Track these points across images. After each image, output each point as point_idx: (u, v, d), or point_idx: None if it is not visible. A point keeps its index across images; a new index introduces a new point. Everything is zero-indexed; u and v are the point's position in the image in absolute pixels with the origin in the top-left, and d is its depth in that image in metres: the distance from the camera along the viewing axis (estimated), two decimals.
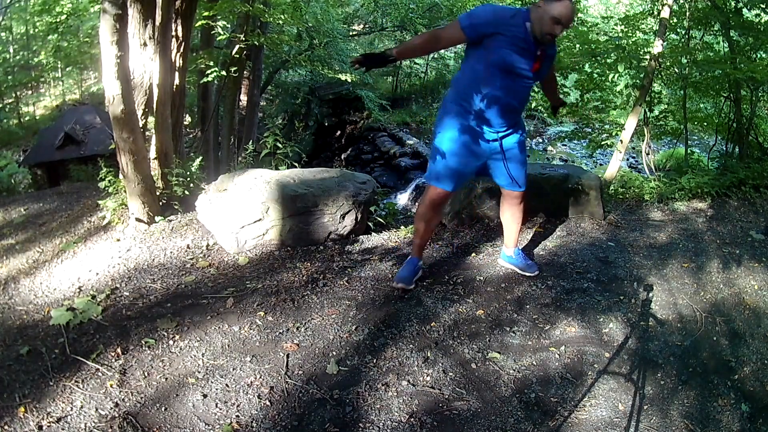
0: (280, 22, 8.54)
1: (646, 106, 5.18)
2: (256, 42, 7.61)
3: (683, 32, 5.51)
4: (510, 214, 2.99)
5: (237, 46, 7.79)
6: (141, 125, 3.64)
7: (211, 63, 7.25)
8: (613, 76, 5.30)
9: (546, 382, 2.24)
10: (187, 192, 3.83)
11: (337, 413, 2.01)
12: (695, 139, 9.86)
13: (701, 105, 6.49)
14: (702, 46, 5.48)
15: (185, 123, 7.82)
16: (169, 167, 3.81)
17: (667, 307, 2.82)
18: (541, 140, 16.78)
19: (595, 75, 5.55)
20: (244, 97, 11.23)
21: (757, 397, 2.24)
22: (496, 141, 2.64)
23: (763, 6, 5.19)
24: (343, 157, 13.68)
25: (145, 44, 3.67)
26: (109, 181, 3.77)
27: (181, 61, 4.30)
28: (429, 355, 2.35)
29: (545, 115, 14.71)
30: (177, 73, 4.24)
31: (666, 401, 2.18)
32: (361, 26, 16.08)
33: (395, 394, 2.12)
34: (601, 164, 10.52)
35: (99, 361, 2.25)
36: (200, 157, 4.46)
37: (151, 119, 3.83)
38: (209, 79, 7.41)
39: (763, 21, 5.19)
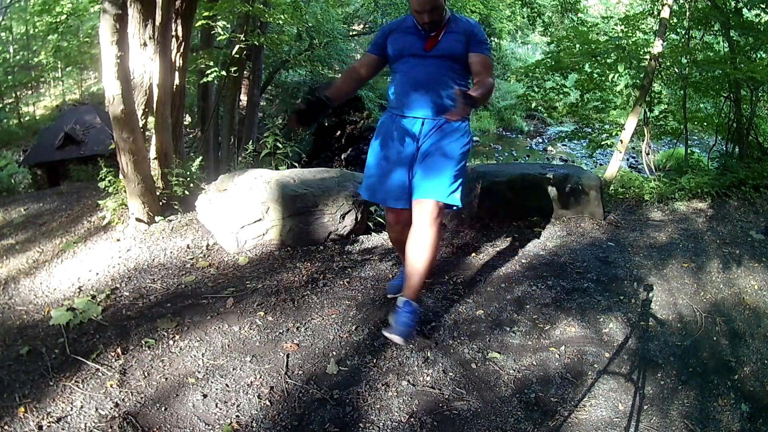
0: (280, 22, 8.55)
1: (646, 106, 5.18)
2: (256, 42, 7.62)
3: (683, 32, 5.51)
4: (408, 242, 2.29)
5: (237, 46, 7.79)
6: (141, 125, 3.64)
7: (211, 63, 7.25)
8: (613, 76, 5.30)
9: (546, 382, 2.24)
10: (187, 192, 3.83)
11: (337, 413, 2.01)
12: (695, 139, 9.85)
13: (701, 105, 6.49)
14: (702, 46, 5.48)
15: (185, 123, 7.82)
16: (169, 167, 3.81)
17: (667, 307, 2.82)
18: (541, 140, 16.79)
19: (595, 75, 5.55)
20: (244, 97, 11.23)
21: (757, 397, 2.25)
22: (416, 135, 2.34)
23: (763, 6, 5.20)
24: (343, 157, 13.68)
25: (145, 44, 3.67)
26: (109, 181, 3.77)
27: (181, 61, 4.30)
28: (429, 355, 2.35)
29: (545, 115, 14.73)
30: (177, 73, 4.24)
31: (666, 401, 2.18)
32: (361, 26, 16.09)
33: (395, 394, 2.12)
34: (601, 164, 10.51)
35: (99, 361, 2.25)
36: (200, 157, 4.46)
37: (151, 119, 3.83)
38: (209, 79, 7.41)
39: (763, 21, 5.19)
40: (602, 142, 5.69)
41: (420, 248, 2.21)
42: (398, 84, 2.42)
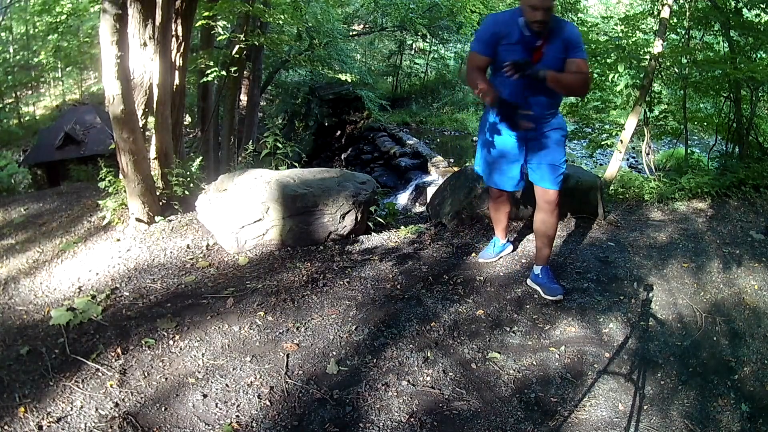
0: (280, 22, 8.54)
1: (646, 106, 5.18)
2: (256, 42, 7.61)
3: (683, 32, 5.50)
4: (544, 223, 2.87)
5: (237, 46, 7.79)
6: (141, 125, 3.64)
7: (211, 63, 7.25)
8: (613, 76, 5.29)
9: (546, 382, 2.24)
10: (187, 192, 3.83)
11: (337, 413, 2.01)
12: (695, 139, 9.85)
13: (701, 105, 6.48)
14: (702, 46, 5.47)
15: (185, 123, 7.83)
16: (169, 167, 3.81)
17: (667, 307, 2.82)
18: None
19: (595, 75, 5.54)
20: (244, 97, 11.23)
21: (757, 397, 2.24)
22: (522, 139, 2.70)
23: (763, 6, 5.19)
24: (343, 157, 13.66)
25: (145, 44, 3.67)
26: (109, 181, 3.77)
27: (181, 61, 4.30)
28: (429, 355, 2.35)
29: None
30: (177, 73, 4.24)
31: (666, 401, 2.18)
32: (361, 26, 16.09)
33: (395, 394, 2.12)
34: (601, 164, 10.50)
35: (99, 361, 2.25)
36: (200, 157, 4.46)
37: (151, 119, 3.83)
38: (209, 79, 7.40)
39: (763, 21, 5.18)
40: (602, 142, 5.68)
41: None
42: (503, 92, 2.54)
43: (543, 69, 2.43)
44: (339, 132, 14.66)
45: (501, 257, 3.25)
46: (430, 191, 5.00)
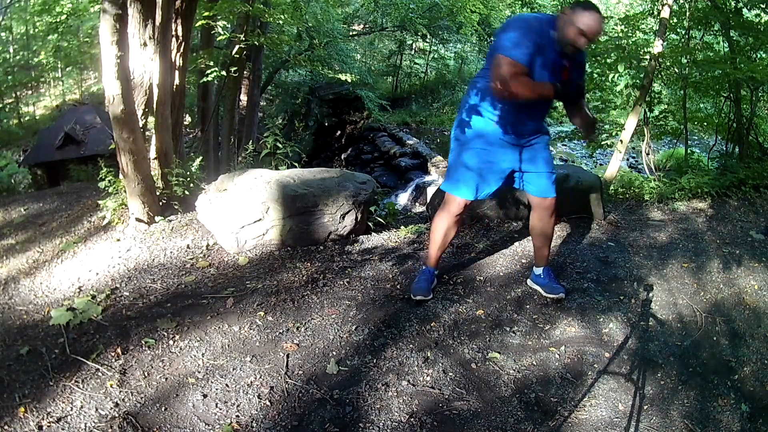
0: (280, 22, 8.55)
1: (646, 106, 5.18)
2: (256, 42, 7.61)
3: (683, 32, 5.50)
4: (541, 227, 2.81)
5: (237, 46, 7.78)
6: (141, 125, 3.64)
7: (211, 63, 7.25)
8: (613, 76, 5.29)
9: (546, 382, 2.24)
10: (187, 192, 3.83)
11: (337, 413, 2.01)
12: (695, 139, 9.85)
13: (701, 105, 6.48)
14: (702, 46, 5.47)
15: (185, 123, 7.82)
16: (169, 167, 3.81)
17: (667, 307, 2.82)
18: None
19: (595, 75, 5.54)
20: (244, 97, 11.22)
21: (757, 397, 2.24)
22: (517, 147, 2.59)
23: (763, 6, 5.19)
24: (343, 157, 13.66)
25: (145, 44, 3.67)
26: (109, 181, 3.77)
27: (181, 61, 4.30)
28: (429, 355, 2.35)
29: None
30: (177, 73, 4.24)
31: (666, 401, 2.18)
32: (361, 26, 16.09)
33: (395, 394, 2.12)
34: (601, 164, 10.50)
35: (99, 361, 2.25)
36: (200, 157, 4.46)
37: (151, 119, 3.83)
38: (209, 79, 7.40)
39: (763, 21, 5.18)
40: (602, 142, 5.68)
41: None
42: (504, 108, 2.46)
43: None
44: (339, 132, 14.65)
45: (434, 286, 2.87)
46: (430, 191, 5.00)
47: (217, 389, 2.10)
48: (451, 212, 2.66)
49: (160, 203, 3.67)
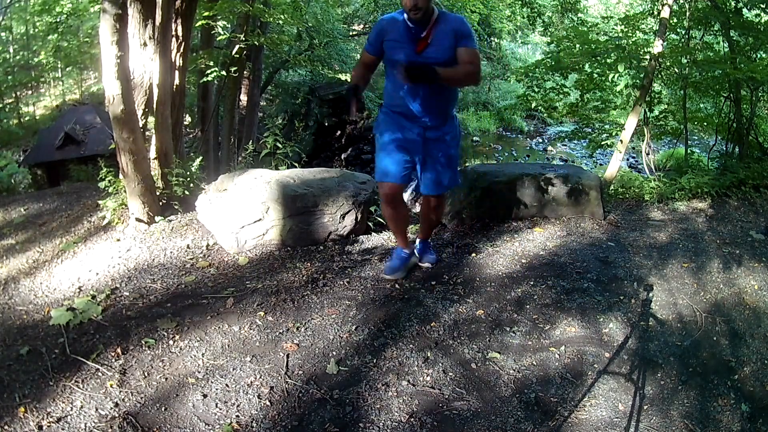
0: (280, 22, 8.55)
1: (646, 106, 5.18)
2: (256, 42, 7.61)
3: (683, 32, 5.51)
4: (424, 215, 3.06)
5: (237, 46, 7.79)
6: (141, 125, 3.64)
7: (211, 63, 7.25)
8: (613, 76, 5.29)
9: (546, 382, 2.24)
10: (187, 192, 3.83)
11: (337, 413, 2.01)
12: (695, 139, 9.85)
13: (701, 105, 6.49)
14: (702, 46, 5.47)
15: (185, 123, 7.82)
16: (169, 167, 3.81)
17: (667, 307, 2.82)
18: (541, 140, 16.78)
19: (595, 75, 5.54)
20: (244, 97, 11.22)
21: (757, 397, 2.25)
22: (420, 135, 2.68)
23: (763, 6, 5.20)
24: (343, 157, 13.66)
25: (145, 44, 3.67)
26: (109, 181, 3.77)
27: (181, 61, 4.30)
28: (429, 355, 2.35)
29: (545, 115, 14.73)
30: (177, 73, 4.24)
31: (666, 401, 2.18)
32: (361, 26, 16.07)
33: (395, 394, 2.12)
34: (601, 164, 10.51)
35: (99, 361, 2.25)
36: (200, 157, 4.46)
37: (151, 119, 3.83)
38: (209, 79, 7.41)
39: (763, 21, 5.19)
40: (602, 142, 5.69)
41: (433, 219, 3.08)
42: (395, 89, 2.64)
43: (432, 63, 2.43)
44: (339, 132, 14.65)
45: (409, 269, 3.03)
46: None
47: (217, 389, 2.10)
48: (383, 194, 2.83)
49: (160, 203, 3.67)
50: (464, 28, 2.53)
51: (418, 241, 3.15)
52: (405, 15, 2.49)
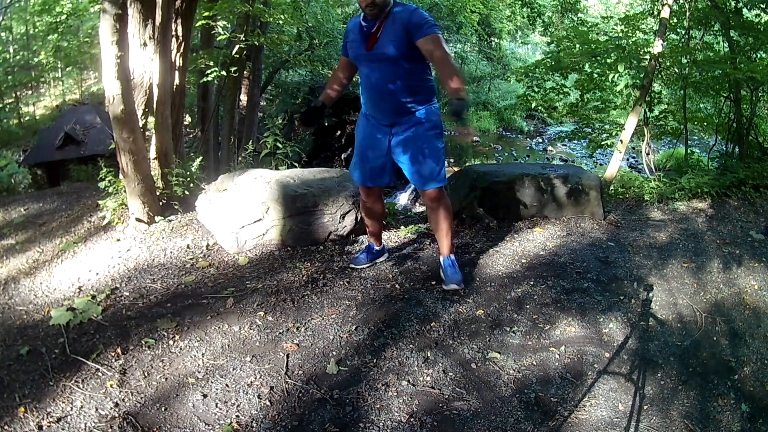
0: (280, 22, 8.55)
1: (646, 106, 5.18)
2: (256, 42, 7.61)
3: (683, 32, 5.51)
4: (431, 219, 2.92)
5: (237, 46, 7.79)
6: (141, 125, 3.64)
7: (211, 63, 7.25)
8: (613, 76, 5.29)
9: (546, 382, 2.24)
10: (187, 192, 3.83)
11: (337, 413, 2.01)
12: (695, 139, 9.85)
13: (701, 105, 6.49)
14: (702, 46, 5.47)
15: (185, 123, 7.83)
16: (169, 167, 3.81)
17: (667, 307, 2.82)
18: (541, 140, 16.79)
19: (595, 75, 5.55)
20: (244, 97, 11.22)
21: (757, 397, 2.25)
22: (386, 134, 2.69)
23: (763, 6, 5.20)
24: (343, 157, 13.66)
25: (145, 44, 3.67)
26: (109, 181, 3.77)
27: (181, 61, 4.30)
28: (429, 355, 2.35)
29: (545, 115, 14.73)
30: (177, 73, 4.24)
31: (666, 401, 2.18)
32: None
33: (395, 394, 2.12)
34: (601, 164, 10.51)
35: (99, 361, 2.25)
36: (200, 157, 4.45)
37: (151, 119, 3.83)
38: (209, 79, 7.41)
39: (763, 21, 5.19)
40: (602, 142, 5.69)
41: (439, 222, 2.83)
42: (362, 90, 2.69)
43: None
44: (339, 132, 14.65)
45: (375, 263, 3.11)
46: None
47: (217, 389, 2.10)
48: (362, 196, 2.93)
49: (160, 203, 3.67)
50: (414, 17, 2.38)
51: (441, 259, 2.88)
52: (362, 14, 2.49)
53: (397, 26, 2.41)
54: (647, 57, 4.97)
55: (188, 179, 3.92)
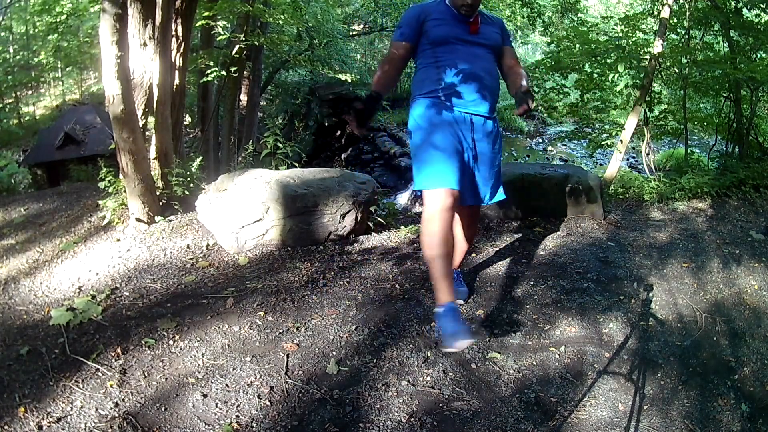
0: (280, 22, 8.55)
1: (646, 106, 5.18)
2: (256, 42, 7.61)
3: (683, 32, 5.51)
4: (460, 233, 2.64)
5: (237, 46, 7.79)
6: (141, 125, 3.64)
7: (211, 63, 7.25)
8: (613, 76, 5.29)
9: (546, 382, 2.24)
10: (187, 192, 3.83)
11: (337, 413, 2.01)
12: (695, 139, 9.85)
13: (701, 105, 6.49)
14: (702, 46, 5.47)
15: (185, 123, 7.83)
16: (169, 167, 3.81)
17: (667, 307, 2.82)
18: (541, 140, 16.77)
19: (595, 75, 5.54)
20: (244, 97, 11.23)
21: (757, 397, 2.25)
22: (469, 130, 2.32)
23: (763, 6, 5.20)
24: (343, 157, 13.67)
25: (145, 44, 3.67)
26: (109, 181, 3.77)
27: (181, 61, 4.30)
28: (429, 355, 2.34)
29: (545, 115, 14.72)
30: (177, 73, 4.25)
31: (666, 401, 2.18)
32: (361, 26, 16.07)
33: (395, 394, 2.12)
34: (601, 164, 10.51)
35: (99, 361, 2.25)
36: (200, 157, 4.46)
37: (151, 119, 3.83)
38: (209, 79, 7.41)
39: (763, 21, 5.19)
40: (602, 142, 5.69)
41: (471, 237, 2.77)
42: (446, 73, 2.30)
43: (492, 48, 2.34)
44: (339, 132, 14.66)
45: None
46: None
47: (217, 389, 2.10)
48: (437, 211, 2.15)
49: (160, 203, 3.67)
50: (504, 25, 2.56)
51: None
52: (448, 1, 2.38)
53: (495, 26, 2.49)
54: (647, 57, 4.97)
55: (188, 179, 3.92)
